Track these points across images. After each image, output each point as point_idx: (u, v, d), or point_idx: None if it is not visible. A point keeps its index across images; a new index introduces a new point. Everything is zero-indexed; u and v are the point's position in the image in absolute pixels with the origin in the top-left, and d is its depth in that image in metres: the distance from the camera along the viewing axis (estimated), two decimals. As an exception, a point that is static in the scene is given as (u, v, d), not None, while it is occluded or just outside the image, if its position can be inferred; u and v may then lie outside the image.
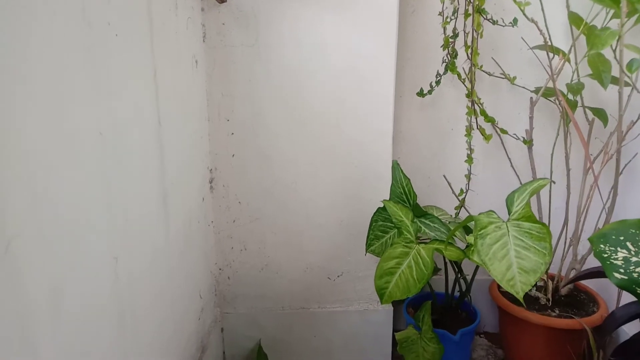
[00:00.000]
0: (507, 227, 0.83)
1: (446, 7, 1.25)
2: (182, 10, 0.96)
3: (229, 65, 1.14)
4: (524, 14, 1.10)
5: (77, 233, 0.54)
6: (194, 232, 1.07)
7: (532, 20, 1.09)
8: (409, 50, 1.33)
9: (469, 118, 1.29)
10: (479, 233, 0.83)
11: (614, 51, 1.08)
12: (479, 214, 0.89)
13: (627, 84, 1.05)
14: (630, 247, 0.71)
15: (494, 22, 1.22)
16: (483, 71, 1.30)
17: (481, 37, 1.22)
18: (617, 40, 0.95)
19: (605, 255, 0.72)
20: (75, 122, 0.54)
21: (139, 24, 0.74)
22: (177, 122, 0.93)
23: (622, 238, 0.72)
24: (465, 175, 1.34)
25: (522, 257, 0.79)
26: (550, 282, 1.24)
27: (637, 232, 0.72)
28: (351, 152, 1.20)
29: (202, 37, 1.11)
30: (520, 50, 1.30)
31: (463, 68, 1.29)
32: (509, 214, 0.87)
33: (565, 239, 1.26)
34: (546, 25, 1.13)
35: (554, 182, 1.27)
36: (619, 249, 0.72)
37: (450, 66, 1.26)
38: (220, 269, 1.27)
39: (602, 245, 0.74)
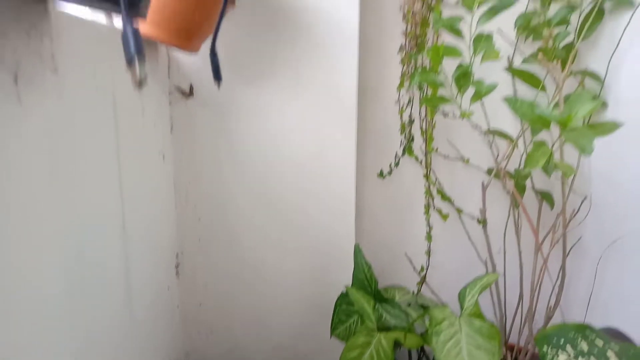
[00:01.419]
0: (459, 324, 0.88)
1: (402, 95, 1.33)
2: (149, 109, 1.01)
3: (196, 154, 1.18)
4: (468, 119, 1.19)
5: (40, 326, 0.55)
6: (159, 318, 1.08)
7: (476, 127, 1.18)
8: (371, 130, 1.41)
9: (427, 198, 1.36)
10: (434, 330, 0.88)
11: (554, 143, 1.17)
12: (434, 307, 0.94)
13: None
14: (570, 350, 0.76)
15: (445, 116, 1.31)
16: (438, 154, 1.38)
17: (434, 127, 1.30)
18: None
19: (549, 358, 0.77)
20: (38, 222, 0.56)
21: (107, 131, 0.78)
22: (142, 214, 0.95)
23: (562, 340, 0.78)
24: (426, 252, 1.39)
25: (474, 355, 0.83)
26: (509, 354, 1.28)
27: (576, 335, 0.77)
28: (316, 234, 1.24)
29: (170, 129, 1.16)
30: (474, 131, 1.39)
31: (421, 149, 1.36)
32: (461, 309, 0.92)
33: (522, 313, 1.32)
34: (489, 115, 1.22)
35: (509, 266, 1.33)
36: (559, 351, 0.77)
37: (407, 149, 1.33)
38: (187, 354, 1.26)
39: (545, 346, 0.78)
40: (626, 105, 1.14)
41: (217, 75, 0.53)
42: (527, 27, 1.18)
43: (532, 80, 1.19)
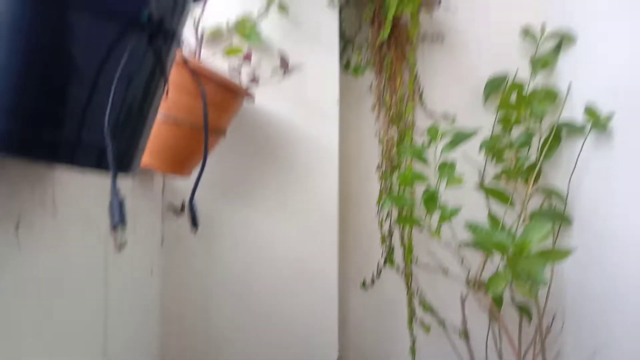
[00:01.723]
0: None
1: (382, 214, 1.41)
2: (142, 227, 1.08)
3: (185, 267, 1.23)
4: (438, 239, 1.26)
5: None
6: None
7: (447, 245, 1.25)
8: (353, 241, 1.47)
9: (409, 309, 1.38)
10: None
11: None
12: None
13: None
14: None
15: (422, 229, 1.39)
16: (419, 265, 1.43)
17: (413, 238, 1.37)
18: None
19: None
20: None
21: (96, 258, 0.83)
22: (126, 333, 0.98)
23: None
24: (410, 364, 1.39)
25: None
26: None
27: None
28: (300, 346, 1.25)
29: (160, 243, 1.22)
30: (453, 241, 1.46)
31: (402, 259, 1.42)
32: None
33: None
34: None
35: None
36: None
37: (388, 260, 1.39)
38: None
39: None
40: (588, 219, 1.22)
41: (194, 223, 0.60)
42: (491, 149, 1.30)
43: (501, 197, 1.28)
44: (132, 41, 0.48)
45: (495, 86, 1.42)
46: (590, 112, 1.14)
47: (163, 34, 0.52)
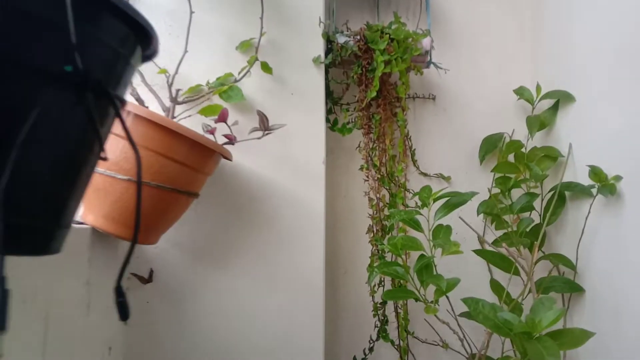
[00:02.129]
0: None
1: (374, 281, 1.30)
2: (98, 301, 0.96)
3: (152, 341, 1.10)
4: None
5: None
6: None
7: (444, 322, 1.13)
8: (343, 310, 1.34)
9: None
10: None
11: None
12: None
13: None
14: None
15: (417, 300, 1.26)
16: (416, 338, 1.29)
17: (408, 310, 1.24)
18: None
19: None
20: None
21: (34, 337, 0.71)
22: None
23: None
24: None
25: None
26: None
27: None
28: None
29: (125, 316, 1.10)
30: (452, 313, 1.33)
31: (397, 332, 1.28)
32: None
33: None
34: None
35: None
36: None
37: (381, 333, 1.25)
38: None
39: None
40: (601, 291, 1.09)
41: (122, 315, 0.46)
42: (490, 213, 1.21)
43: (503, 264, 1.17)
44: (49, 95, 0.40)
45: (491, 145, 1.35)
46: (596, 173, 1.05)
47: (96, 88, 0.44)
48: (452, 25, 1.43)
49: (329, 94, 1.34)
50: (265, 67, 1.17)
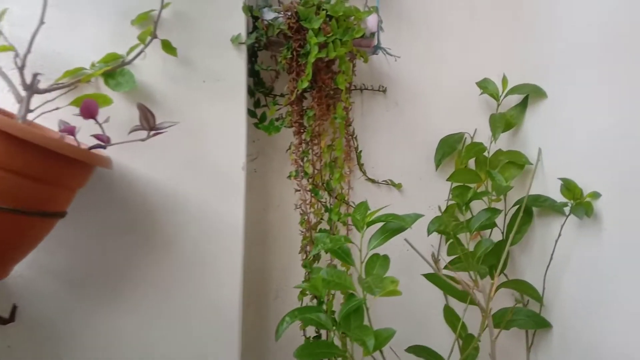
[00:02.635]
0: None
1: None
2: None
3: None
4: None
5: None
6: None
7: None
8: (273, 343, 1.12)
9: None
10: None
11: None
12: None
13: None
14: None
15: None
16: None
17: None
18: None
19: None
20: None
21: None
22: None
23: None
24: None
25: None
26: None
27: None
28: None
29: (-25, 367, 0.85)
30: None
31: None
32: None
33: None
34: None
35: None
36: None
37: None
38: None
39: None
40: (571, 327, 0.91)
41: None
42: (443, 231, 1.01)
43: (458, 292, 0.97)
44: None
45: (449, 147, 1.15)
46: (570, 189, 0.86)
47: None
48: (406, 2, 1.21)
49: (259, 82, 1.11)
50: (168, 47, 0.93)
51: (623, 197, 0.77)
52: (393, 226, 0.75)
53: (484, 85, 1.11)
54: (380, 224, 0.78)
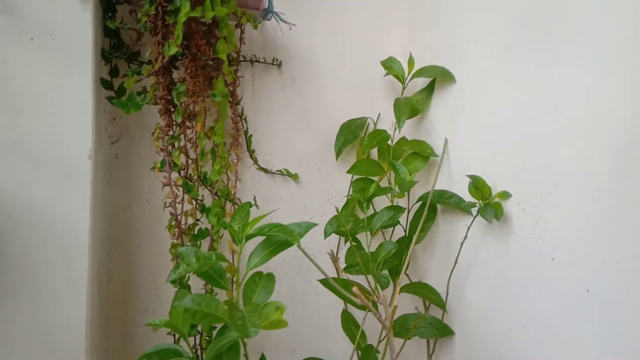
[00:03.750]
0: None
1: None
2: None
3: None
4: None
5: None
6: None
7: None
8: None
9: None
10: None
11: None
12: None
13: None
14: None
15: None
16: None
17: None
18: None
19: None
20: None
21: None
22: None
23: None
24: None
25: None
26: None
27: None
28: None
29: None
30: None
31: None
32: None
33: None
34: None
35: None
36: None
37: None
38: None
39: None
40: (476, 338, 0.84)
41: None
42: (341, 233, 0.88)
43: (354, 302, 0.85)
44: None
45: (350, 134, 1.02)
46: (478, 187, 0.77)
47: None
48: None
49: (117, 45, 0.87)
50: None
51: (535, 198, 0.69)
52: (279, 239, 0.59)
53: (389, 65, 0.98)
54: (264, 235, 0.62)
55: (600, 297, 0.58)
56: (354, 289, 0.72)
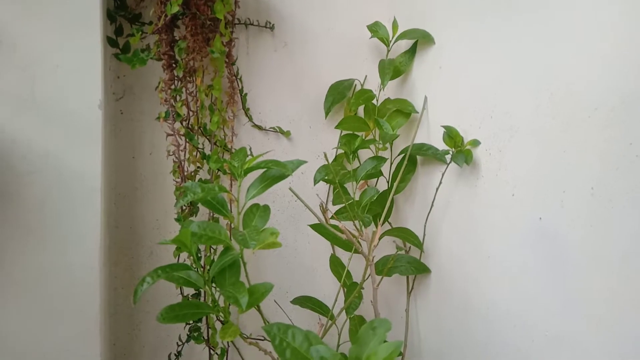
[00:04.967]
0: None
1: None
2: None
3: None
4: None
5: None
6: None
7: None
8: (147, 303, 1.02)
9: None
10: None
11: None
12: None
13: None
14: None
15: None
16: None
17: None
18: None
19: None
20: None
21: None
22: None
23: None
24: None
25: None
26: None
27: None
28: None
29: None
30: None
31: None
32: None
33: None
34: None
35: None
36: None
37: (192, 334, 0.96)
38: None
39: None
40: (449, 278, 0.94)
41: None
42: (330, 181, 0.97)
43: (343, 242, 0.95)
44: None
45: (339, 94, 1.10)
46: (451, 136, 0.86)
47: None
48: None
49: (121, 5, 0.93)
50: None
51: (499, 143, 0.78)
52: (274, 173, 0.68)
53: (375, 29, 1.05)
54: (261, 171, 0.70)
55: (550, 223, 0.68)
56: (340, 225, 0.82)
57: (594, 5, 0.61)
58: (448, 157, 0.89)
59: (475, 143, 0.83)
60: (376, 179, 1.08)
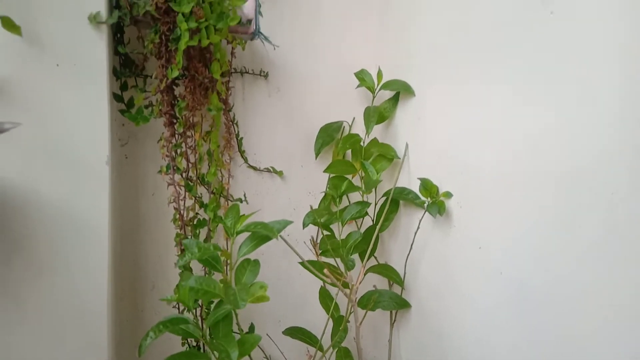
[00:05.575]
0: None
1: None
2: None
3: None
4: None
5: None
6: None
7: None
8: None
9: None
10: None
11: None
12: None
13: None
14: None
15: None
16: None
17: None
18: None
19: None
20: None
21: None
22: None
23: None
24: None
25: None
26: None
27: None
28: None
29: None
30: None
31: None
32: None
33: None
34: None
35: None
36: None
37: (192, 364, 1.05)
38: None
39: None
40: (427, 310, 1.02)
41: None
42: (316, 224, 1.05)
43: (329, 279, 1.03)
44: None
45: (328, 136, 1.18)
46: (427, 188, 0.94)
47: None
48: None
49: (126, 62, 1.01)
50: (9, 24, 0.80)
51: (469, 199, 0.86)
52: (261, 234, 0.76)
53: (361, 77, 1.13)
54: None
55: (509, 276, 0.76)
56: (325, 270, 0.90)
57: (561, 73, 0.69)
58: (426, 205, 0.97)
59: (448, 195, 0.91)
60: (360, 221, 1.16)
